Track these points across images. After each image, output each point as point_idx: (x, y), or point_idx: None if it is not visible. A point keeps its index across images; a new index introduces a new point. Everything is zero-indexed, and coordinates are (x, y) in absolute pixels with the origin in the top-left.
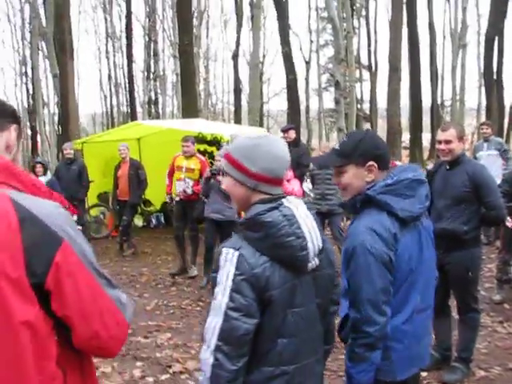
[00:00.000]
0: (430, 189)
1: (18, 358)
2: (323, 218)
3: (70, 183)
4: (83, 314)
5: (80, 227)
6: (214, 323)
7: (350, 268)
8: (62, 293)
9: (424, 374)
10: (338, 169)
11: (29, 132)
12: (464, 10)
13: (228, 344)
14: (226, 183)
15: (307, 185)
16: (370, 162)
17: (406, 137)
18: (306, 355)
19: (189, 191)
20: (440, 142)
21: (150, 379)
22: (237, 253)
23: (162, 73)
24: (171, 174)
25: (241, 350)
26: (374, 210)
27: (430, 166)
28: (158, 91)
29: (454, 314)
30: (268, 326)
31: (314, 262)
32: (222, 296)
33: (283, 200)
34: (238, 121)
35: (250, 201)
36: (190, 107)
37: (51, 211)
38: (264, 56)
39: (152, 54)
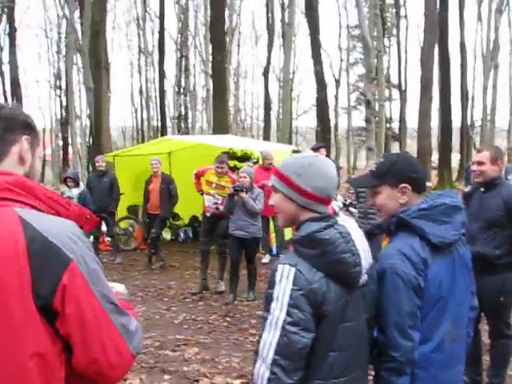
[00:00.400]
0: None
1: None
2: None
3: (101, 195)
4: (84, 338)
5: (109, 239)
6: (270, 338)
7: (378, 291)
8: (65, 314)
9: None
10: (372, 189)
11: (60, 143)
12: (496, 29)
13: (286, 358)
14: (274, 199)
15: (337, 203)
16: (404, 184)
17: (434, 157)
18: (355, 368)
19: (222, 208)
20: (473, 163)
21: None
22: (293, 269)
23: (192, 88)
24: (198, 177)
25: (298, 364)
26: (407, 233)
27: (468, 188)
28: (188, 106)
29: (485, 339)
30: (320, 340)
31: (364, 278)
32: (279, 311)
33: (337, 218)
34: (266, 137)
35: (299, 218)
36: (221, 123)
37: (61, 230)
38: (294, 73)
39: (183, 69)
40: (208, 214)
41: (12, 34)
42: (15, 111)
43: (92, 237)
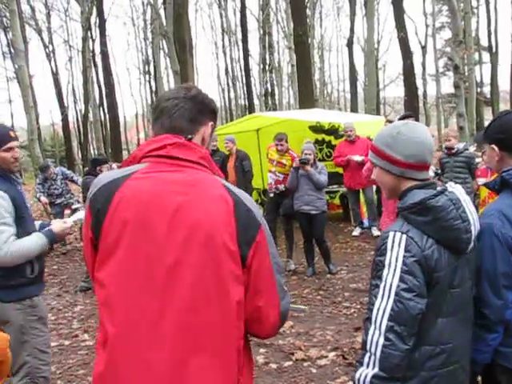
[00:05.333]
0: None
1: (229, 317)
2: None
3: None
4: (256, 287)
5: None
6: (384, 305)
7: (475, 248)
8: (251, 266)
9: None
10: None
11: None
12: None
13: (401, 324)
14: (375, 173)
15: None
16: (492, 145)
17: None
18: (462, 334)
19: (281, 187)
20: None
21: (274, 366)
22: (405, 235)
23: (277, 65)
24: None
25: (412, 330)
26: (510, 192)
27: None
28: (274, 83)
29: None
30: (430, 306)
31: (472, 244)
32: (391, 278)
33: (447, 185)
34: (354, 109)
35: (400, 188)
36: (307, 97)
37: (250, 199)
38: (378, 42)
39: (267, 46)
40: (271, 194)
41: (102, 25)
42: (208, 98)
43: None
